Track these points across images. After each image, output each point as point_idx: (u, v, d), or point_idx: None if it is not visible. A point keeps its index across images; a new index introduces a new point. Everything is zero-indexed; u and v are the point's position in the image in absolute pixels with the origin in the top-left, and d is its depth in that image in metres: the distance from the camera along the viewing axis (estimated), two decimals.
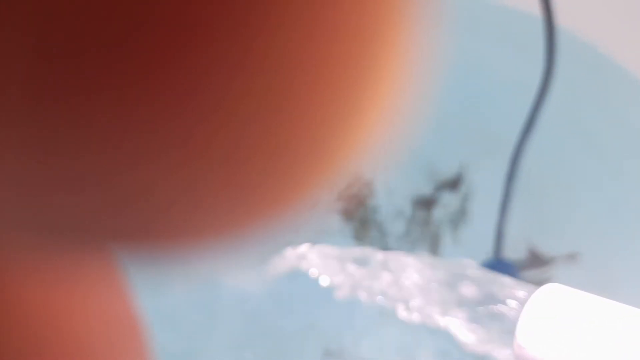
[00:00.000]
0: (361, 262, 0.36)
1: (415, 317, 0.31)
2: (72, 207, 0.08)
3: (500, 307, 0.29)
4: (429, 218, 0.61)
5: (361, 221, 0.59)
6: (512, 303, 0.29)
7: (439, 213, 0.62)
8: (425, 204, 0.62)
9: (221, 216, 0.08)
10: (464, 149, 0.61)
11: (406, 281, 0.32)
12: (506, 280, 0.30)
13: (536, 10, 0.54)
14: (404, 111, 0.08)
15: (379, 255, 0.35)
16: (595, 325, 0.27)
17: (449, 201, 0.62)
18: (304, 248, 0.36)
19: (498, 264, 0.43)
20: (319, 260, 0.36)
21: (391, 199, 0.61)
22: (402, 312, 0.31)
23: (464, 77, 0.59)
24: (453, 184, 0.61)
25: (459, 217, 0.61)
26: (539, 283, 0.30)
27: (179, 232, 0.08)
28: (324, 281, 0.35)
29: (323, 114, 0.08)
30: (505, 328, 0.29)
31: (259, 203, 0.08)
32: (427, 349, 0.54)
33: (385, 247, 0.54)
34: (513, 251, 0.62)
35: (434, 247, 0.59)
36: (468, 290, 0.30)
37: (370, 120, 0.08)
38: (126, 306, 0.12)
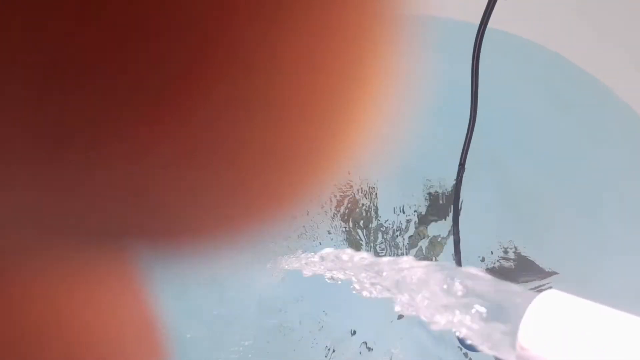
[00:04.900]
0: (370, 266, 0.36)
1: (414, 313, 0.31)
2: (94, 211, 0.08)
3: (501, 311, 0.30)
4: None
5: (357, 225, 0.60)
6: (513, 307, 0.30)
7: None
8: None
9: (230, 216, 0.09)
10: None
11: (407, 280, 0.32)
12: (508, 285, 0.31)
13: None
14: (394, 119, 0.09)
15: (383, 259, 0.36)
16: (593, 329, 0.28)
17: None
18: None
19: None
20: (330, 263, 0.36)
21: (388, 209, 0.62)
22: (399, 308, 0.32)
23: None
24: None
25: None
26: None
27: (193, 230, 0.09)
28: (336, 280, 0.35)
29: (321, 120, 0.08)
30: (507, 330, 0.29)
31: (267, 203, 0.09)
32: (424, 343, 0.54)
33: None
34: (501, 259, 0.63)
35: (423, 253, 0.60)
36: (469, 292, 0.31)
37: (363, 125, 0.08)
38: (144, 305, 0.12)
